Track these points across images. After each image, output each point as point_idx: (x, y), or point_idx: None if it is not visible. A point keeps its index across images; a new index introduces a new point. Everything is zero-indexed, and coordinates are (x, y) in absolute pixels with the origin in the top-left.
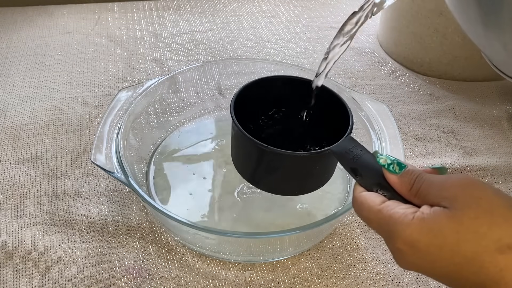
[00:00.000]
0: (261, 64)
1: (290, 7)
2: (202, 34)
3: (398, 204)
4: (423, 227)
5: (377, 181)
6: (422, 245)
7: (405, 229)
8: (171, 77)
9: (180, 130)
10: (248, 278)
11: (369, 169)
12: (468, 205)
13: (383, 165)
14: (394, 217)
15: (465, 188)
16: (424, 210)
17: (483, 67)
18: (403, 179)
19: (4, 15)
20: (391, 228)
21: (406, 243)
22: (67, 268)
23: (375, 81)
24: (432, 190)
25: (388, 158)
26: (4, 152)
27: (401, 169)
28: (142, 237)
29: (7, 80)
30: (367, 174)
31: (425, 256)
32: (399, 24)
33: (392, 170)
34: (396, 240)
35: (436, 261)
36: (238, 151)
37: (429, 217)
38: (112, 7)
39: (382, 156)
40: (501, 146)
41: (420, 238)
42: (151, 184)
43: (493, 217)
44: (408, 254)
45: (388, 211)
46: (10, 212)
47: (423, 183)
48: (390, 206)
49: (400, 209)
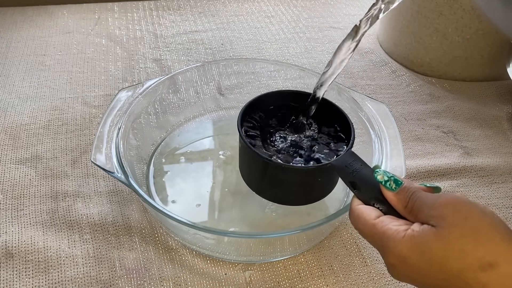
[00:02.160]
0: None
1: (290, 7)
2: (202, 34)
3: (392, 220)
4: (413, 244)
5: (374, 195)
6: (412, 261)
7: (396, 246)
8: (171, 77)
9: (180, 130)
10: (248, 278)
11: (367, 184)
12: (454, 224)
13: (380, 182)
14: (387, 233)
15: (452, 207)
16: (414, 227)
17: (483, 67)
18: (399, 196)
19: (4, 15)
20: (384, 244)
21: (397, 258)
22: (67, 268)
23: (375, 81)
24: (423, 208)
25: (385, 174)
26: (4, 152)
27: (397, 186)
28: (142, 237)
29: (7, 80)
30: (365, 189)
31: (415, 270)
32: (399, 24)
33: (388, 187)
34: (389, 255)
35: (426, 276)
36: (244, 163)
37: (419, 234)
38: (112, 7)
39: (379, 172)
40: (501, 146)
41: (410, 255)
42: (151, 184)
43: (477, 236)
44: (400, 268)
45: (382, 226)
46: (10, 212)
47: (416, 201)
48: (384, 222)
49: (393, 226)
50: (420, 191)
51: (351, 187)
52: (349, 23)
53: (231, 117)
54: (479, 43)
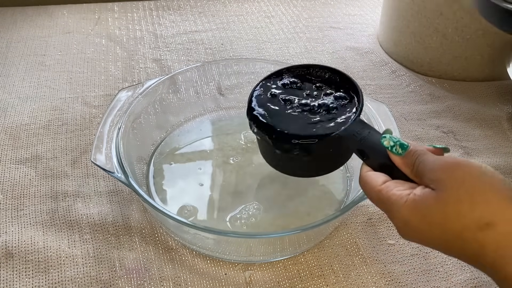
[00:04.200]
0: (261, 64)
1: (290, 7)
2: (202, 34)
3: (397, 185)
4: (414, 209)
5: (382, 161)
6: (415, 224)
7: (399, 210)
8: (171, 77)
9: (180, 130)
10: (248, 278)
11: (375, 151)
12: (451, 187)
13: (387, 147)
14: (392, 199)
15: (450, 170)
16: (416, 191)
17: (483, 67)
18: (406, 160)
19: (4, 15)
20: (388, 208)
21: (401, 222)
22: (67, 268)
23: (375, 81)
24: (425, 172)
25: (391, 139)
26: (4, 152)
27: (403, 150)
28: (142, 237)
29: (7, 80)
30: (374, 156)
31: (418, 232)
32: (399, 24)
33: (395, 152)
34: (394, 219)
35: (428, 237)
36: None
37: (420, 199)
38: (112, 7)
39: (386, 138)
40: (501, 146)
41: (412, 218)
42: (151, 184)
43: (474, 198)
44: (405, 230)
45: (387, 192)
46: (10, 212)
47: (419, 165)
48: (389, 187)
49: (397, 191)
50: (425, 153)
51: (359, 155)
52: (349, 23)
53: (231, 117)
54: (479, 43)
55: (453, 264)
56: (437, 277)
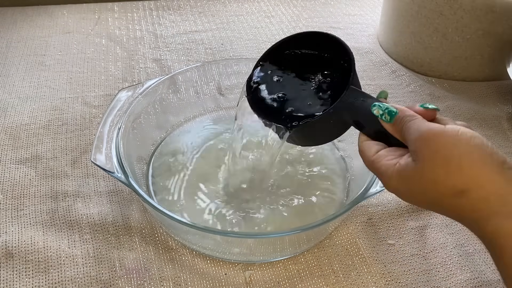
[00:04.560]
0: None
1: (290, 7)
2: (202, 34)
3: (387, 155)
4: (399, 179)
5: (377, 129)
6: (402, 191)
7: (387, 181)
8: (171, 77)
9: (180, 130)
10: (248, 278)
11: (369, 120)
12: (427, 157)
13: (377, 116)
14: (381, 169)
15: (425, 141)
16: (401, 161)
17: (483, 67)
18: (396, 127)
19: (4, 15)
20: (380, 177)
21: (392, 189)
22: (67, 268)
23: (375, 81)
24: (407, 141)
25: (379, 108)
26: (4, 152)
27: (391, 117)
28: (142, 237)
29: (7, 80)
30: (368, 125)
31: (408, 197)
32: (399, 24)
33: (385, 120)
34: (385, 186)
35: (416, 202)
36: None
37: (403, 169)
38: (112, 7)
39: (374, 107)
40: (501, 146)
41: (398, 187)
42: (151, 184)
43: (447, 167)
44: (398, 195)
45: (377, 162)
46: (10, 212)
47: (405, 133)
48: (379, 158)
49: (386, 161)
50: (411, 120)
51: (355, 126)
52: (349, 23)
53: (231, 117)
54: (479, 43)
55: (453, 264)
56: (437, 277)
